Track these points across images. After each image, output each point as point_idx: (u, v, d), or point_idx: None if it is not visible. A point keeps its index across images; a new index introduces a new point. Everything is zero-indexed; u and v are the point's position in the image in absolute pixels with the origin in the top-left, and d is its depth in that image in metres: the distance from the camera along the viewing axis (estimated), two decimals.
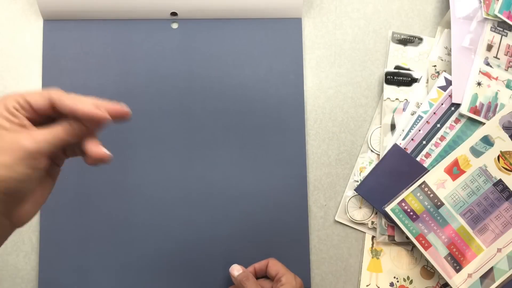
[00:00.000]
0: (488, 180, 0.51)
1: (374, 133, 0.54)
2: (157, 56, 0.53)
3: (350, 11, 0.57)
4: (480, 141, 0.51)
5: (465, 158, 0.51)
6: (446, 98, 0.53)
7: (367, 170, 0.53)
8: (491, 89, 0.53)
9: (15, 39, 0.53)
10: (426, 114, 0.53)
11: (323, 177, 0.53)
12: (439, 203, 0.50)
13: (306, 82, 0.54)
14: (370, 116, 0.55)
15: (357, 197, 0.53)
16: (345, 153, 0.54)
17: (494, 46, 0.54)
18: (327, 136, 0.54)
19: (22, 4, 0.54)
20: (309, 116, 0.54)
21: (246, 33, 0.54)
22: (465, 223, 0.50)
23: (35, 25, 0.53)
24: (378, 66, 0.56)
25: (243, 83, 0.53)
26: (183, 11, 0.53)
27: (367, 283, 0.52)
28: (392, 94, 0.54)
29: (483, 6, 0.54)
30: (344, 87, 0.55)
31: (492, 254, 0.50)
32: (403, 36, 0.56)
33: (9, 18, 0.54)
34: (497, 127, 0.51)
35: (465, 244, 0.50)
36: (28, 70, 0.53)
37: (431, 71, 0.54)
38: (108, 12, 0.52)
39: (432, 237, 0.50)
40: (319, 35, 0.56)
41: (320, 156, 0.54)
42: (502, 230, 0.50)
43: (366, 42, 0.56)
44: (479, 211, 0.51)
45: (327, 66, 0.55)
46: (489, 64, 0.53)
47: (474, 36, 0.54)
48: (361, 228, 0.53)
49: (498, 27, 0.54)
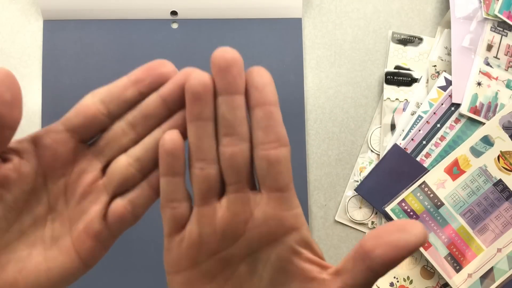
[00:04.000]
0: (488, 180, 0.51)
1: (374, 133, 0.54)
2: (157, 56, 0.53)
3: (350, 11, 0.57)
4: (480, 141, 0.51)
5: (465, 158, 0.51)
6: (446, 98, 0.53)
7: (367, 170, 0.53)
8: (491, 89, 0.53)
9: (15, 39, 0.53)
10: (426, 114, 0.53)
11: (323, 177, 0.53)
12: (439, 203, 0.50)
13: (306, 82, 0.54)
14: (370, 116, 0.55)
15: (357, 197, 0.53)
16: (345, 153, 0.54)
17: (494, 46, 0.54)
18: (327, 136, 0.54)
19: (22, 4, 0.54)
20: (309, 116, 0.54)
21: (246, 33, 0.54)
22: (465, 223, 0.50)
23: (35, 25, 0.53)
24: (378, 66, 0.56)
25: None
26: (183, 10, 0.53)
27: None
28: (392, 94, 0.54)
29: (483, 6, 0.54)
30: (344, 87, 0.55)
31: (492, 254, 0.50)
32: (403, 36, 0.56)
33: (9, 18, 0.54)
34: (497, 127, 0.51)
35: (465, 244, 0.50)
36: (28, 70, 0.53)
37: (431, 71, 0.54)
38: (108, 12, 0.52)
39: (432, 237, 0.50)
40: (319, 35, 0.56)
41: (320, 156, 0.54)
42: (502, 230, 0.50)
43: (366, 42, 0.56)
44: (479, 211, 0.51)
45: (327, 66, 0.55)
46: (489, 64, 0.53)
47: (474, 36, 0.54)
48: (361, 228, 0.53)
49: (498, 27, 0.54)
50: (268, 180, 0.24)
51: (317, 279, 0.24)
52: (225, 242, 0.24)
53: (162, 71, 0.24)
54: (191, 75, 0.23)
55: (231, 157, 0.24)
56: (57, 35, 0.53)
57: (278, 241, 0.24)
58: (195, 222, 0.24)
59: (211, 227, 0.24)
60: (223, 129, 0.23)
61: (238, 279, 0.25)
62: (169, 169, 0.24)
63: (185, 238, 0.24)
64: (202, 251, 0.24)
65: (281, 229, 0.24)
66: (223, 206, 0.24)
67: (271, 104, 0.24)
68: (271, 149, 0.23)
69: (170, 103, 0.24)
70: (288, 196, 0.24)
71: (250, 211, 0.24)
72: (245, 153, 0.24)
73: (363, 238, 0.23)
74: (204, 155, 0.24)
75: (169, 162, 0.23)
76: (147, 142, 0.24)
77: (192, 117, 0.23)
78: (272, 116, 0.24)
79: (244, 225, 0.24)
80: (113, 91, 0.24)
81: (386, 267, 0.22)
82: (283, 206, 0.24)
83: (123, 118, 0.24)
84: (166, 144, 0.23)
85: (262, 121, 0.24)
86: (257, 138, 0.24)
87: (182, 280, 0.25)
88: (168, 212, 0.24)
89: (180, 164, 0.24)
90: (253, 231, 0.24)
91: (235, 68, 0.23)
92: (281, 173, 0.23)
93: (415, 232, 0.21)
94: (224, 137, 0.24)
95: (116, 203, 0.25)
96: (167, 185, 0.24)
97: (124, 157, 0.25)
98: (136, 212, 0.25)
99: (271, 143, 0.24)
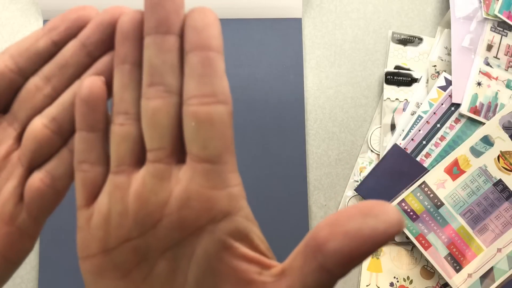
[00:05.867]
0: (488, 180, 0.51)
1: (374, 133, 0.54)
2: None
3: (350, 11, 0.57)
4: (480, 141, 0.51)
5: (465, 158, 0.51)
6: (446, 98, 0.53)
7: (367, 170, 0.53)
8: (491, 89, 0.53)
9: (15, 39, 0.53)
10: (426, 114, 0.53)
11: (323, 177, 0.53)
12: (439, 203, 0.50)
13: (306, 82, 0.54)
14: (370, 116, 0.55)
15: (357, 197, 0.53)
16: (345, 153, 0.54)
17: (494, 46, 0.54)
18: (327, 136, 0.54)
19: (22, 4, 0.54)
20: (309, 116, 0.54)
21: (246, 33, 0.54)
22: (465, 223, 0.50)
23: (35, 25, 0.53)
24: (378, 66, 0.56)
25: (242, 83, 0.53)
26: None
27: (367, 283, 0.52)
28: (392, 94, 0.54)
29: (483, 6, 0.54)
30: (344, 87, 0.55)
31: (492, 254, 0.50)
32: (403, 36, 0.56)
33: (9, 18, 0.54)
34: (497, 127, 0.51)
35: (465, 244, 0.50)
36: None
37: (431, 71, 0.54)
38: None
39: (432, 237, 0.50)
40: (319, 35, 0.56)
41: (320, 156, 0.54)
42: (502, 230, 0.50)
43: (366, 42, 0.56)
44: (479, 211, 0.51)
45: (327, 66, 0.55)
46: (489, 64, 0.53)
47: (474, 36, 0.54)
48: None
49: (498, 27, 0.54)
50: (195, 147, 0.18)
51: (255, 282, 0.18)
52: (138, 227, 0.18)
53: (79, 15, 0.20)
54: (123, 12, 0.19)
55: (153, 113, 0.18)
56: None
57: (205, 231, 0.18)
58: (106, 194, 0.19)
59: (123, 204, 0.19)
60: (147, 78, 0.18)
61: (157, 279, 0.19)
62: (84, 121, 0.19)
63: (94, 214, 0.19)
64: (112, 235, 0.19)
65: (208, 214, 0.18)
66: (139, 179, 0.19)
67: (210, 49, 0.18)
68: (203, 105, 0.18)
69: (91, 46, 0.19)
70: (221, 170, 0.18)
71: (169, 189, 0.18)
72: (172, 110, 0.18)
73: (316, 225, 0.17)
74: (126, 108, 0.19)
75: (84, 113, 0.19)
76: (65, 97, 0.20)
77: (119, 61, 0.19)
78: (210, 63, 0.18)
79: (161, 208, 0.18)
80: (23, 44, 0.20)
81: (345, 265, 0.16)
82: (212, 183, 0.18)
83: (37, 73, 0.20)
84: (83, 91, 0.19)
85: (196, 68, 0.18)
86: (187, 91, 0.18)
87: (91, 267, 0.19)
88: (79, 176, 0.20)
89: (98, 117, 0.19)
90: (172, 216, 0.18)
91: (170, 2, 0.18)
92: (212, 138, 0.18)
93: (385, 217, 0.16)
94: (148, 88, 0.18)
95: (32, 177, 0.20)
96: (80, 141, 0.19)
97: (39, 118, 0.20)
98: (57, 186, 0.21)
99: (204, 97, 0.18)
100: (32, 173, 0.20)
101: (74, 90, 0.20)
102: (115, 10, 0.19)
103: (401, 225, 0.16)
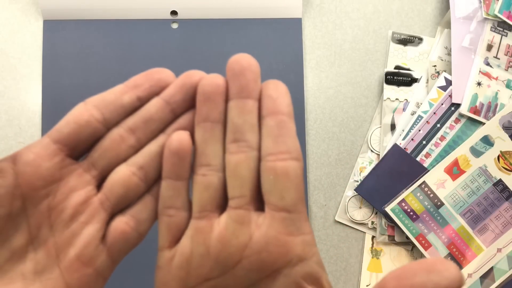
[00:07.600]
0: (488, 180, 0.51)
1: (374, 133, 0.54)
2: (157, 56, 0.53)
3: (350, 11, 0.57)
4: (480, 141, 0.51)
5: (465, 158, 0.51)
6: (446, 98, 0.53)
7: (367, 170, 0.53)
8: (491, 89, 0.53)
9: (15, 39, 0.53)
10: (426, 114, 0.53)
11: (323, 177, 0.53)
12: (439, 203, 0.50)
13: (306, 82, 0.54)
14: (370, 116, 0.55)
15: (357, 197, 0.53)
16: (345, 153, 0.54)
17: (494, 46, 0.54)
18: (327, 136, 0.54)
19: (22, 4, 0.54)
20: (309, 116, 0.54)
21: (246, 33, 0.54)
22: (465, 223, 0.50)
23: (35, 25, 0.53)
24: (378, 66, 0.56)
25: None
26: (183, 10, 0.53)
27: (367, 283, 0.52)
28: (392, 94, 0.54)
29: (483, 6, 0.54)
30: (344, 87, 0.55)
31: (492, 254, 0.50)
32: (403, 36, 0.56)
33: (9, 18, 0.54)
34: (497, 127, 0.51)
35: (465, 244, 0.50)
36: (28, 70, 0.53)
37: (431, 71, 0.54)
38: (108, 12, 0.53)
39: (432, 237, 0.50)
40: (319, 35, 0.56)
41: (320, 156, 0.54)
42: (502, 230, 0.51)
43: (366, 42, 0.56)
44: (479, 211, 0.51)
45: (327, 66, 0.55)
46: (489, 64, 0.53)
47: (474, 36, 0.54)
48: (361, 228, 0.53)
49: (498, 27, 0.54)
50: (273, 197, 0.20)
51: None
52: (218, 267, 0.21)
53: (161, 76, 0.22)
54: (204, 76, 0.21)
55: (235, 166, 0.21)
56: (57, 35, 0.53)
57: (281, 273, 0.20)
58: (189, 237, 0.21)
59: (205, 246, 0.21)
60: (230, 135, 0.21)
61: None
62: (172, 171, 0.21)
63: (176, 255, 0.21)
64: (192, 274, 0.21)
65: (285, 258, 0.20)
66: (221, 223, 0.21)
67: (283, 114, 0.21)
68: (279, 161, 0.20)
69: (174, 105, 0.22)
70: (296, 218, 0.20)
71: (250, 233, 0.20)
72: (252, 163, 0.21)
73: (384, 277, 0.19)
74: (208, 161, 0.21)
75: (173, 163, 0.21)
76: (152, 148, 0.22)
77: (200, 119, 0.21)
78: (284, 125, 0.21)
79: (241, 250, 0.20)
80: (108, 97, 0.22)
81: None
82: (289, 230, 0.20)
83: (120, 124, 0.22)
84: (173, 144, 0.21)
85: (272, 130, 0.21)
86: (265, 149, 0.21)
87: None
88: (164, 220, 0.22)
89: (184, 167, 0.21)
90: (251, 258, 0.20)
91: (250, 72, 0.21)
92: (288, 190, 0.20)
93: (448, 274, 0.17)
94: (231, 144, 0.21)
95: (117, 221, 0.22)
96: (167, 189, 0.21)
97: (125, 167, 0.22)
98: (140, 229, 0.22)
99: (280, 154, 0.20)
100: (113, 218, 0.22)
101: (160, 142, 0.22)
102: (195, 74, 0.21)
103: (462, 281, 0.17)
